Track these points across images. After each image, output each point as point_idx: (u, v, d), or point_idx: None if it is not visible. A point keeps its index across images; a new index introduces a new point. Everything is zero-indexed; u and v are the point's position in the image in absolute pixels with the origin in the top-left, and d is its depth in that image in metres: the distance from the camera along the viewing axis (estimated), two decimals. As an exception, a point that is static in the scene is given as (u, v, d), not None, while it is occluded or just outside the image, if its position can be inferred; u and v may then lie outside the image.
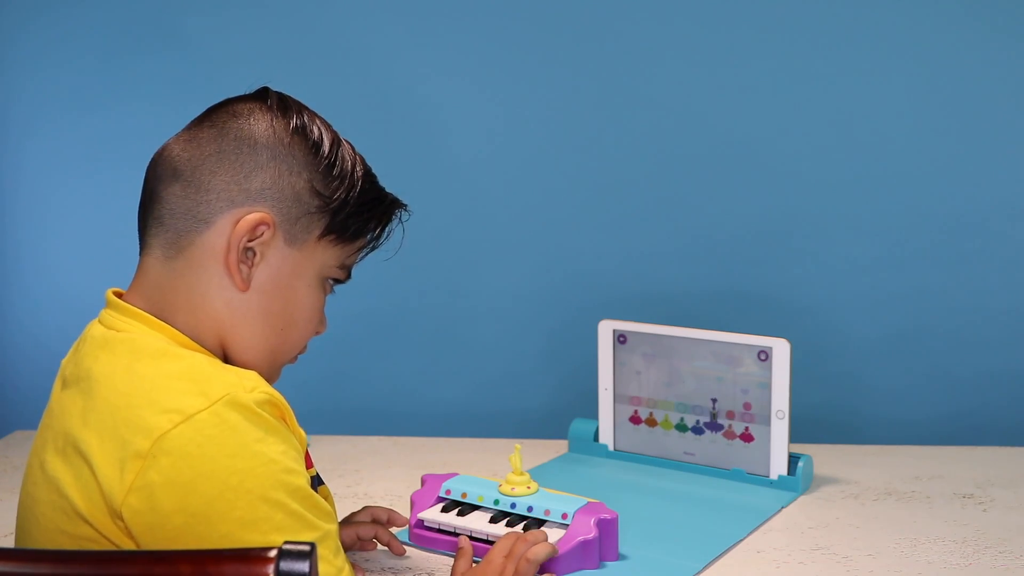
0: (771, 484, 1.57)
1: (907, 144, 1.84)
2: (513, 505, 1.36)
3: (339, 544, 1.02)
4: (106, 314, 1.07)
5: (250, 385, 0.97)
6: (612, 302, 1.88)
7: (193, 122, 1.09)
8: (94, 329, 1.06)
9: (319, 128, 1.08)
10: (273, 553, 0.71)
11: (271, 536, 0.92)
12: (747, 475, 1.59)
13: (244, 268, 1.04)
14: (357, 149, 1.13)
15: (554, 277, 1.93)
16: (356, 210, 1.09)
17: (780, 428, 1.56)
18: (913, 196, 1.84)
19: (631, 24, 1.86)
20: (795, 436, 1.61)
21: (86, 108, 1.95)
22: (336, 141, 1.09)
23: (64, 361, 1.08)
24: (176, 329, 1.03)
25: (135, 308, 1.04)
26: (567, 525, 1.31)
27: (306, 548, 0.71)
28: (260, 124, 1.06)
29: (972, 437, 1.83)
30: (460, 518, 1.36)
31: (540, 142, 1.91)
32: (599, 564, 1.30)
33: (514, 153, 1.91)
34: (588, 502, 1.34)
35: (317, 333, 1.13)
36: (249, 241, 1.03)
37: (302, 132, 1.07)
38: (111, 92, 1.94)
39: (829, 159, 1.85)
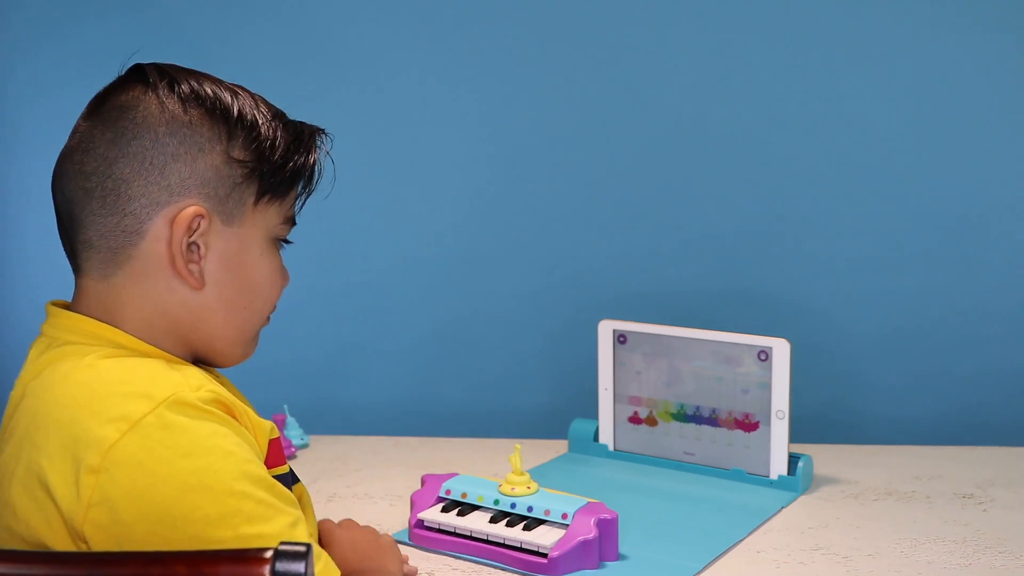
0: (771, 484, 1.57)
1: (907, 144, 1.84)
2: (513, 505, 1.36)
3: (310, 530, 0.99)
4: (48, 327, 1.02)
5: (195, 384, 0.94)
6: (612, 302, 1.88)
7: (82, 125, 1.01)
8: (35, 344, 1.02)
9: (211, 89, 1.01)
10: (269, 554, 0.71)
11: (243, 528, 0.89)
12: (747, 475, 1.59)
13: (194, 267, 0.99)
14: (254, 92, 1.06)
15: (554, 277, 1.93)
16: (281, 161, 1.03)
17: (780, 428, 1.56)
18: (913, 196, 1.84)
19: (631, 24, 1.85)
20: (795, 436, 1.61)
21: (76, 100, 1.94)
22: (233, 96, 1.02)
23: (16, 381, 1.02)
24: (127, 333, 0.99)
25: (79, 314, 1.00)
26: (567, 525, 1.31)
27: (302, 548, 0.71)
28: (152, 110, 0.98)
29: (972, 437, 1.83)
30: (460, 518, 1.36)
31: (540, 142, 1.90)
32: (599, 564, 1.30)
33: (514, 153, 1.91)
34: (588, 502, 1.34)
35: (283, 287, 1.09)
36: (189, 238, 0.98)
37: (197, 101, 1.00)
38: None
39: (829, 159, 1.85)
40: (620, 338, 1.67)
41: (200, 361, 1.06)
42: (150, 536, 0.87)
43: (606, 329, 1.68)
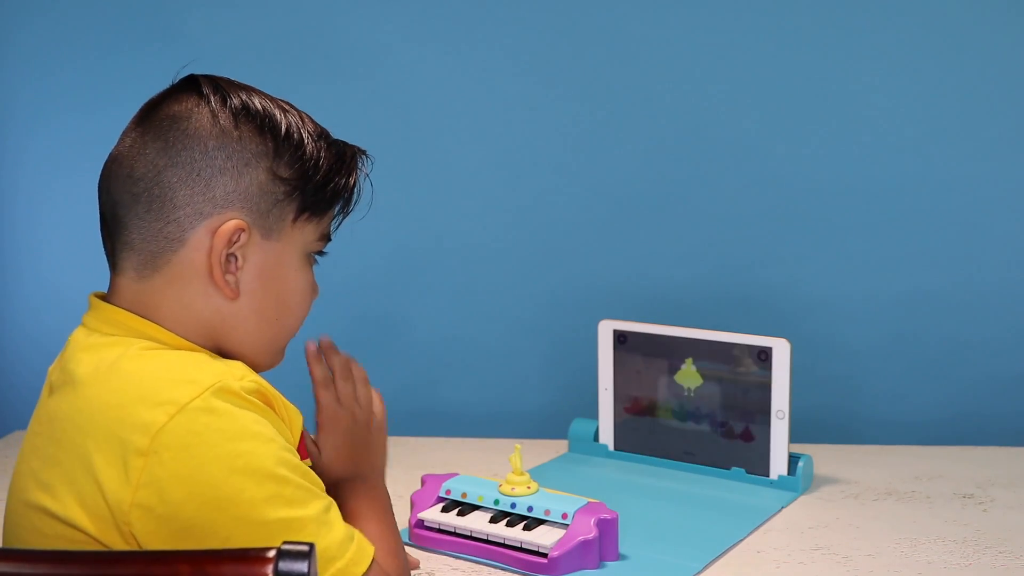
0: (771, 484, 1.57)
1: (907, 144, 1.84)
2: (513, 505, 1.36)
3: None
4: (89, 318, 1.05)
5: (239, 374, 0.97)
6: (612, 302, 1.88)
7: (133, 131, 1.04)
8: (77, 333, 1.04)
9: (261, 105, 1.04)
10: (272, 553, 0.71)
11: (283, 511, 0.92)
12: (747, 475, 1.59)
13: (230, 277, 1.02)
14: (301, 109, 1.08)
15: (554, 277, 1.93)
16: (323, 180, 1.05)
17: (780, 428, 1.56)
18: (913, 196, 1.84)
19: (631, 24, 1.86)
20: (795, 436, 1.61)
21: (83, 108, 1.94)
22: (283, 113, 1.05)
23: (51, 368, 1.05)
24: (164, 328, 1.01)
25: (121, 309, 1.02)
26: (567, 525, 1.31)
27: (305, 548, 0.71)
28: (204, 122, 1.01)
29: (972, 437, 1.83)
30: (460, 518, 1.36)
31: (540, 143, 1.90)
32: (599, 564, 1.30)
33: (514, 153, 1.91)
34: (588, 502, 1.33)
35: (312, 301, 1.12)
36: (228, 249, 1.01)
37: (247, 117, 1.02)
38: (108, 91, 1.94)
39: (829, 159, 1.85)
40: (620, 338, 1.67)
41: None
42: (195, 517, 0.90)
43: (606, 329, 1.68)
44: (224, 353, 1.05)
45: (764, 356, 1.56)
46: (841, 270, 1.87)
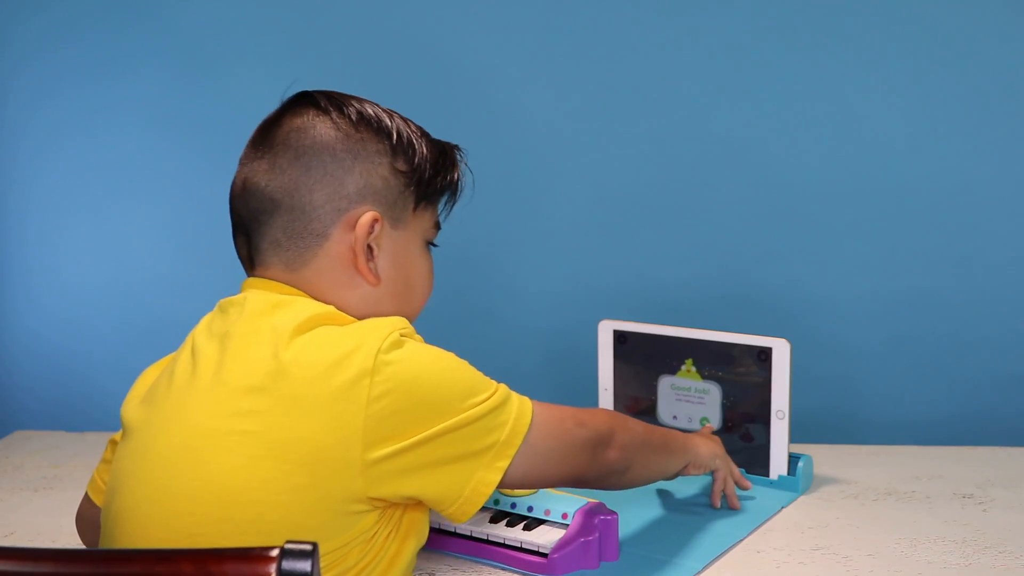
0: (771, 484, 1.57)
1: (907, 144, 1.84)
2: (513, 505, 1.36)
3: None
4: (259, 289, 1.14)
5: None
6: (612, 302, 1.88)
7: (256, 149, 1.16)
8: (250, 294, 1.13)
9: (372, 110, 1.17)
10: (275, 552, 0.71)
11: (482, 403, 1.10)
12: (747, 475, 1.58)
13: (372, 265, 1.15)
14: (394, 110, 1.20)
15: (554, 277, 1.93)
16: (432, 171, 1.19)
17: (780, 428, 1.56)
18: (913, 197, 1.84)
19: (631, 24, 1.86)
20: (795, 436, 1.61)
21: (75, 106, 1.94)
22: (388, 115, 1.18)
23: (202, 328, 1.15)
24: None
25: (288, 287, 1.14)
26: (567, 525, 1.31)
27: (308, 547, 0.71)
28: (327, 130, 1.14)
29: (972, 437, 1.83)
30: (460, 518, 1.36)
31: (540, 141, 1.90)
32: (599, 564, 1.30)
33: (514, 153, 1.91)
34: (588, 502, 1.33)
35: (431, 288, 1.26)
36: (367, 239, 1.14)
37: (364, 121, 1.16)
38: (98, 85, 1.93)
39: (829, 159, 1.85)
40: (620, 338, 1.67)
41: None
42: (424, 419, 1.06)
43: (606, 329, 1.68)
44: None
45: (764, 356, 1.56)
46: (841, 270, 1.87)
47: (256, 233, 1.15)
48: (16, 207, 1.98)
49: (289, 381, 1.04)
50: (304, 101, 1.17)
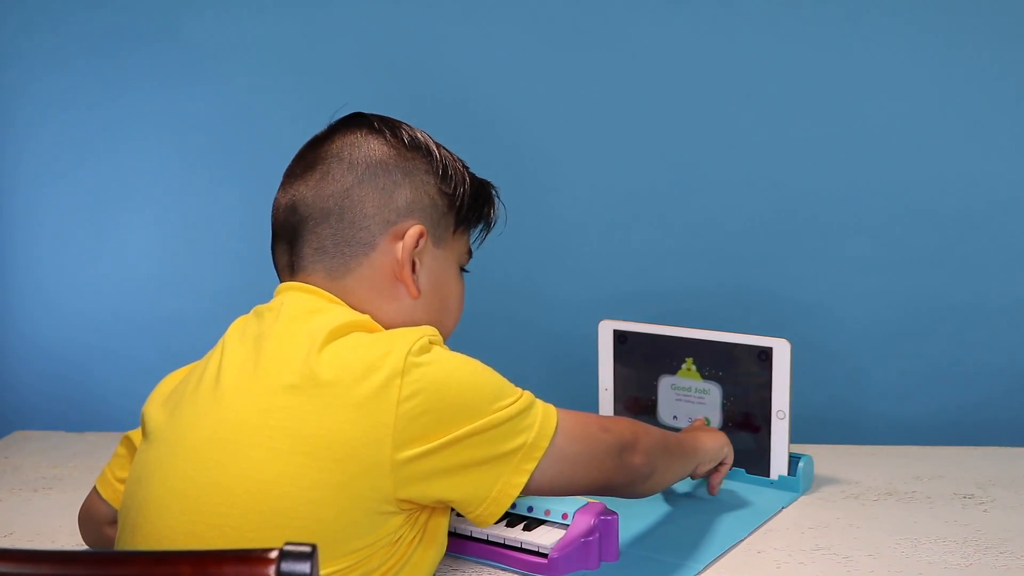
0: (771, 484, 1.57)
1: (907, 143, 1.84)
2: (513, 505, 1.35)
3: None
4: (296, 292, 1.16)
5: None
6: (612, 302, 1.88)
7: (304, 163, 1.20)
8: (287, 298, 1.16)
9: (421, 136, 1.22)
10: (274, 554, 0.71)
11: (509, 406, 1.12)
12: (747, 475, 1.59)
13: (414, 277, 1.19)
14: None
15: (554, 277, 1.93)
16: (472, 200, 1.25)
17: (780, 428, 1.56)
18: (913, 196, 1.84)
19: (632, 22, 1.85)
20: (796, 436, 1.61)
21: (81, 106, 1.94)
22: (436, 143, 1.23)
23: (233, 332, 1.16)
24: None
25: (325, 292, 1.16)
26: (567, 525, 1.31)
27: (307, 549, 0.71)
28: (379, 147, 1.19)
29: (972, 437, 1.83)
30: (460, 518, 1.36)
31: (540, 140, 1.90)
32: (599, 564, 1.30)
33: (514, 154, 1.91)
34: (588, 502, 1.33)
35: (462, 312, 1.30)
36: (413, 252, 1.18)
37: (414, 144, 1.21)
38: (106, 90, 1.94)
39: (829, 159, 1.85)
40: (620, 338, 1.67)
41: None
42: (452, 421, 1.07)
43: (606, 329, 1.68)
44: None
45: (764, 356, 1.56)
46: (841, 270, 1.87)
47: (300, 240, 1.18)
48: (21, 210, 1.98)
49: (322, 382, 1.06)
50: (357, 121, 1.22)
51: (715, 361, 1.60)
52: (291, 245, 1.19)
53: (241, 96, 1.91)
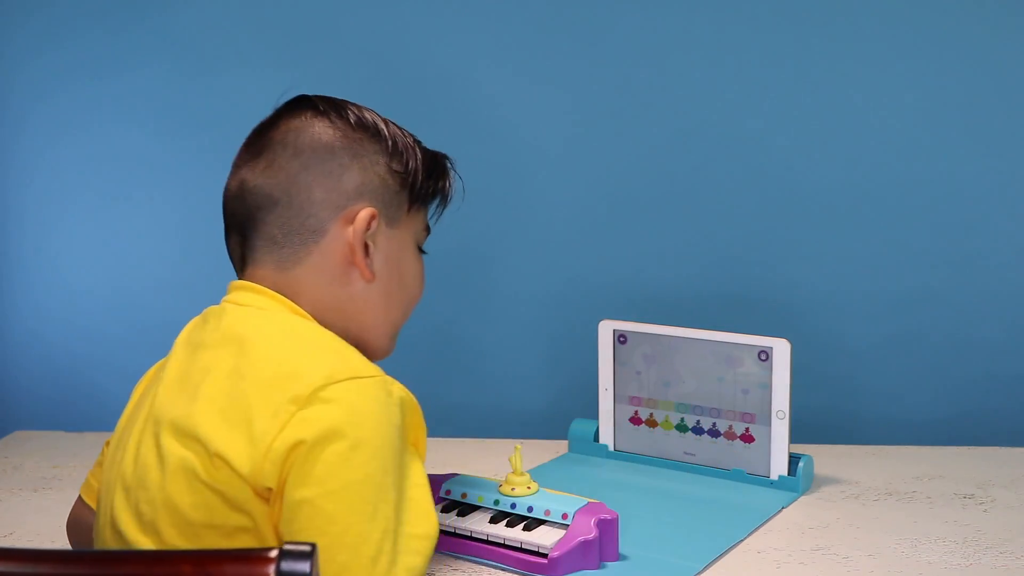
0: (771, 484, 1.57)
1: (907, 144, 1.84)
2: (513, 505, 1.36)
3: None
4: (238, 295, 1.14)
5: (392, 380, 1.06)
6: (612, 302, 1.88)
7: (252, 150, 1.16)
8: (229, 303, 1.13)
9: (368, 115, 1.18)
10: (274, 553, 0.71)
11: (390, 493, 0.99)
12: (747, 475, 1.59)
13: (368, 261, 1.15)
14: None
15: (554, 277, 1.93)
16: (425, 174, 1.21)
17: (780, 428, 1.56)
18: (913, 197, 1.84)
19: (633, 24, 1.85)
20: (795, 436, 1.61)
21: (74, 106, 1.94)
22: (384, 120, 1.19)
23: (183, 336, 1.15)
24: (305, 311, 1.13)
25: (267, 289, 1.13)
26: (567, 525, 1.31)
27: (307, 548, 0.71)
28: (324, 129, 1.15)
29: (972, 437, 1.83)
30: (460, 518, 1.36)
31: (540, 141, 1.91)
32: (599, 564, 1.30)
33: (514, 153, 1.91)
34: (588, 502, 1.33)
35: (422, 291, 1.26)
36: (365, 235, 1.14)
37: (361, 124, 1.17)
38: (107, 90, 1.94)
39: (829, 159, 1.85)
40: (620, 338, 1.67)
41: None
42: (339, 464, 0.97)
43: (606, 329, 1.68)
44: (351, 338, 1.14)
45: (764, 356, 1.56)
46: (841, 270, 1.87)
47: (251, 231, 1.15)
48: (15, 206, 1.98)
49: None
50: (301, 104, 1.18)
51: (715, 361, 1.60)
52: (243, 237, 1.16)
53: (242, 96, 1.90)
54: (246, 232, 1.16)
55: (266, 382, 1.01)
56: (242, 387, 1.02)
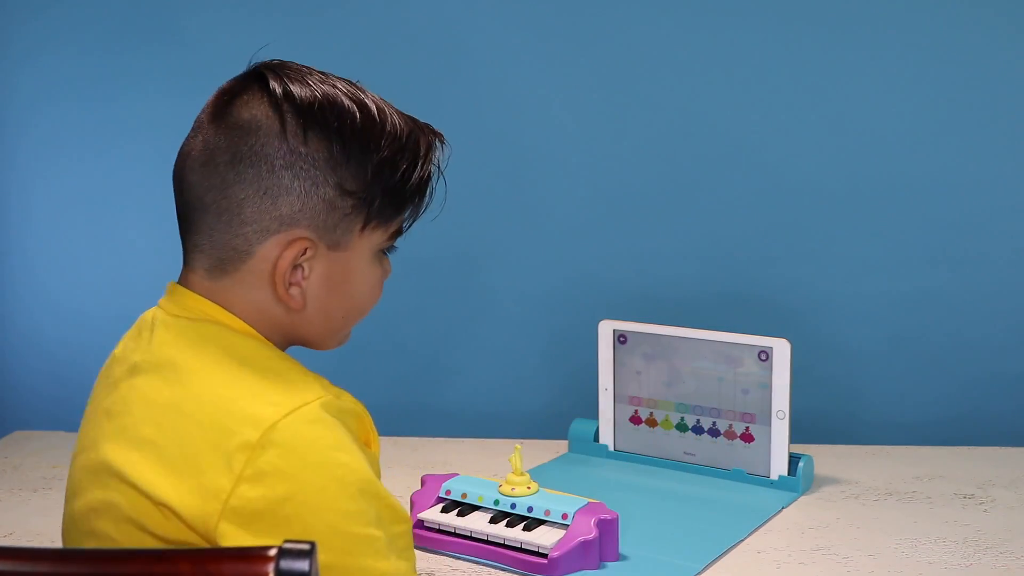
0: (771, 484, 1.57)
1: (907, 145, 1.84)
2: (513, 505, 1.36)
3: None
4: (168, 304, 1.06)
5: (336, 391, 0.99)
6: (612, 302, 1.88)
7: (206, 128, 1.03)
8: (161, 313, 1.06)
9: (336, 108, 1.02)
10: (273, 552, 0.71)
11: (369, 529, 0.94)
12: (747, 475, 1.59)
13: (295, 290, 1.02)
14: (369, 90, 1.07)
15: (554, 277, 1.93)
16: (392, 188, 1.04)
17: (780, 428, 1.56)
18: (913, 197, 1.84)
19: (633, 24, 1.85)
20: (795, 436, 1.61)
21: (79, 105, 1.94)
22: (359, 110, 1.03)
23: (121, 348, 1.08)
24: (238, 319, 1.03)
25: (200, 296, 1.03)
26: (567, 525, 1.31)
27: (306, 547, 0.71)
28: (270, 140, 0.99)
29: (972, 437, 1.83)
30: (460, 518, 1.36)
31: (541, 142, 1.90)
32: (599, 564, 1.30)
33: (514, 152, 1.91)
34: (588, 502, 1.33)
35: (384, 282, 1.12)
36: (294, 262, 1.01)
37: (318, 128, 1.00)
38: (106, 89, 1.93)
39: (830, 160, 1.85)
40: (620, 338, 1.67)
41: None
42: (294, 517, 0.91)
43: (606, 329, 1.68)
44: (293, 342, 1.07)
45: (764, 356, 1.56)
46: (841, 270, 1.87)
47: (186, 223, 1.05)
48: (18, 207, 1.98)
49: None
50: (259, 96, 1.02)
51: (715, 361, 1.60)
52: (181, 219, 1.07)
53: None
54: (182, 219, 1.06)
55: (209, 425, 0.93)
56: (184, 427, 0.94)
